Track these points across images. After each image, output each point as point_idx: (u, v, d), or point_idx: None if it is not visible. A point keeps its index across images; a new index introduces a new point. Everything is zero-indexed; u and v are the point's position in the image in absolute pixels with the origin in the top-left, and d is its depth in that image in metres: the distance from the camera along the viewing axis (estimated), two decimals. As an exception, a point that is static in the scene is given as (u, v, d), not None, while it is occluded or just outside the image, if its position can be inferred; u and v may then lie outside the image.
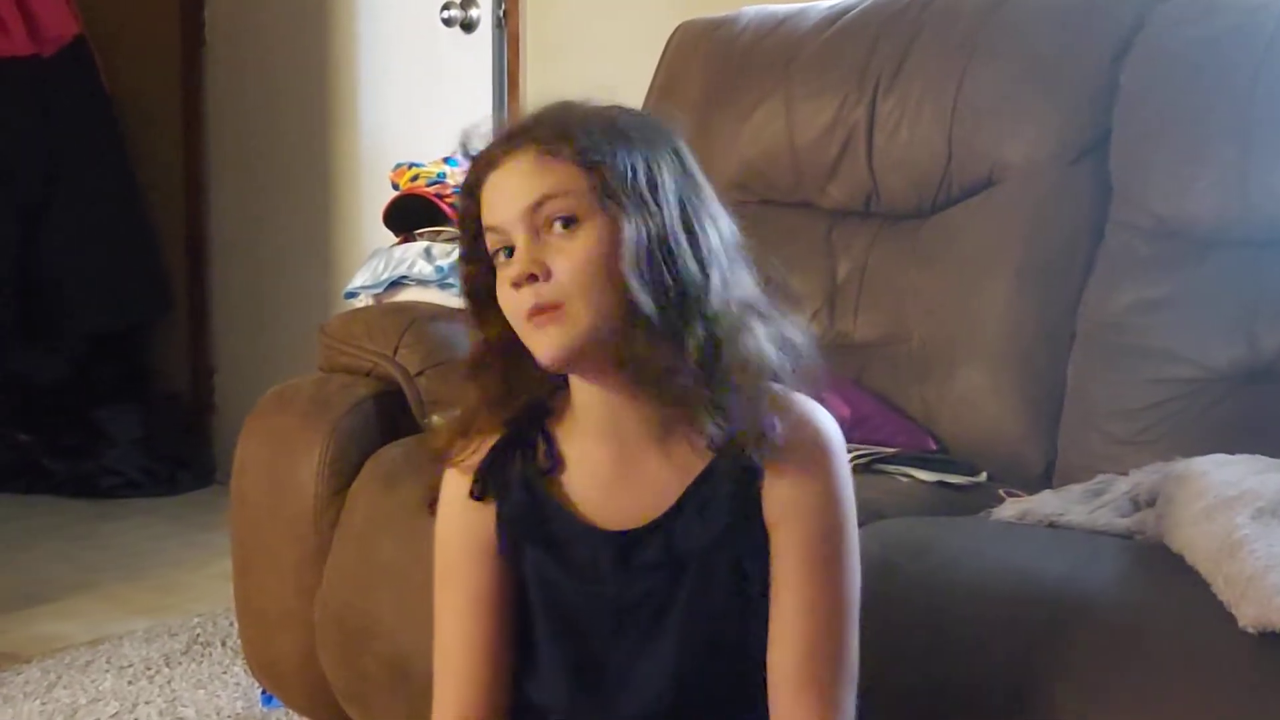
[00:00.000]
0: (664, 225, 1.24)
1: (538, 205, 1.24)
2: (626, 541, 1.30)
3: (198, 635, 2.93)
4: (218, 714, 2.55)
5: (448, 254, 2.33)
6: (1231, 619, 1.36)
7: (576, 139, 1.24)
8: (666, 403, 1.26)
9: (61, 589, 3.28)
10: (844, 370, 2.19)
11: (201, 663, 2.79)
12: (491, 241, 1.28)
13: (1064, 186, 2.15)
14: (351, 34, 3.85)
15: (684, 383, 1.24)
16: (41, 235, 4.12)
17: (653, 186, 1.25)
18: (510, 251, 1.26)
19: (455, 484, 1.36)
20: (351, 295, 2.44)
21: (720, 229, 1.28)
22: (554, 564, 1.32)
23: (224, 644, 2.88)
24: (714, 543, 1.28)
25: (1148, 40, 2.12)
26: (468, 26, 3.48)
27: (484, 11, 3.47)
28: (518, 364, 1.30)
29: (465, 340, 2.20)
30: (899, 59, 2.32)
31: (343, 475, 2.12)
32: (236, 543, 2.27)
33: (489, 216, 1.28)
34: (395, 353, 2.20)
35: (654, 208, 1.24)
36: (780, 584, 1.28)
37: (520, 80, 3.35)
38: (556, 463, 1.33)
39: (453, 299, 2.29)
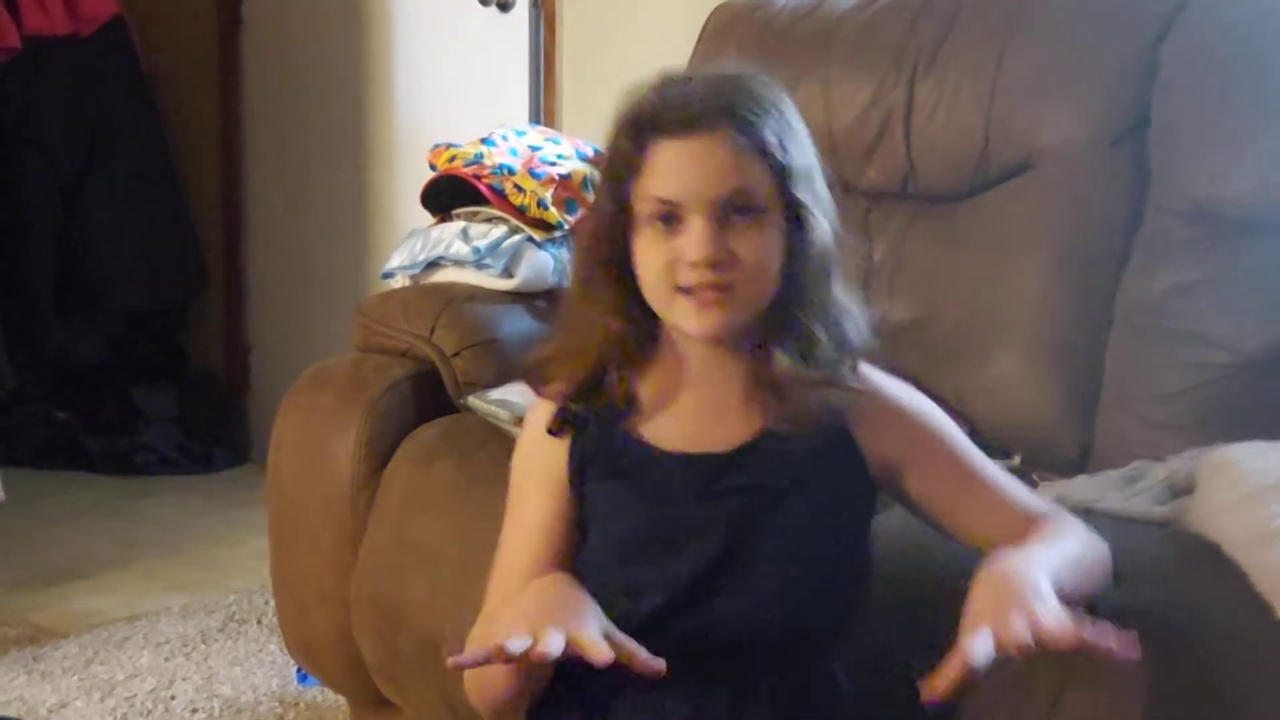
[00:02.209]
0: (829, 218, 1.36)
1: (731, 196, 1.31)
2: (703, 465, 1.36)
3: (234, 613, 2.95)
4: (254, 691, 2.57)
5: (485, 235, 2.32)
6: (1268, 609, 1.36)
7: (769, 138, 1.32)
8: (809, 371, 1.34)
9: (98, 565, 3.31)
10: (877, 353, 2.19)
11: (238, 640, 2.81)
12: (650, 205, 1.33)
13: (1102, 170, 2.13)
14: (388, 14, 3.86)
15: (824, 355, 1.35)
16: (79, 215, 4.14)
17: (815, 182, 1.35)
18: (668, 219, 1.32)
19: (539, 414, 1.43)
20: (388, 276, 2.44)
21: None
22: (627, 492, 1.37)
23: (260, 621, 2.89)
24: (803, 477, 1.34)
25: (1188, 22, 2.10)
26: (504, 6, 3.48)
27: (520, -8, 3.46)
28: (636, 311, 1.37)
29: (503, 320, 2.23)
30: (937, 40, 2.31)
31: (379, 455, 2.13)
32: (273, 521, 2.29)
33: (664, 188, 1.32)
34: (432, 333, 2.21)
35: (822, 204, 1.35)
36: (949, 495, 1.39)
37: (556, 61, 3.35)
38: (635, 406, 1.39)
39: (489, 280, 2.30)
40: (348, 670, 2.19)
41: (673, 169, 1.31)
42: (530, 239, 2.32)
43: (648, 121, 1.33)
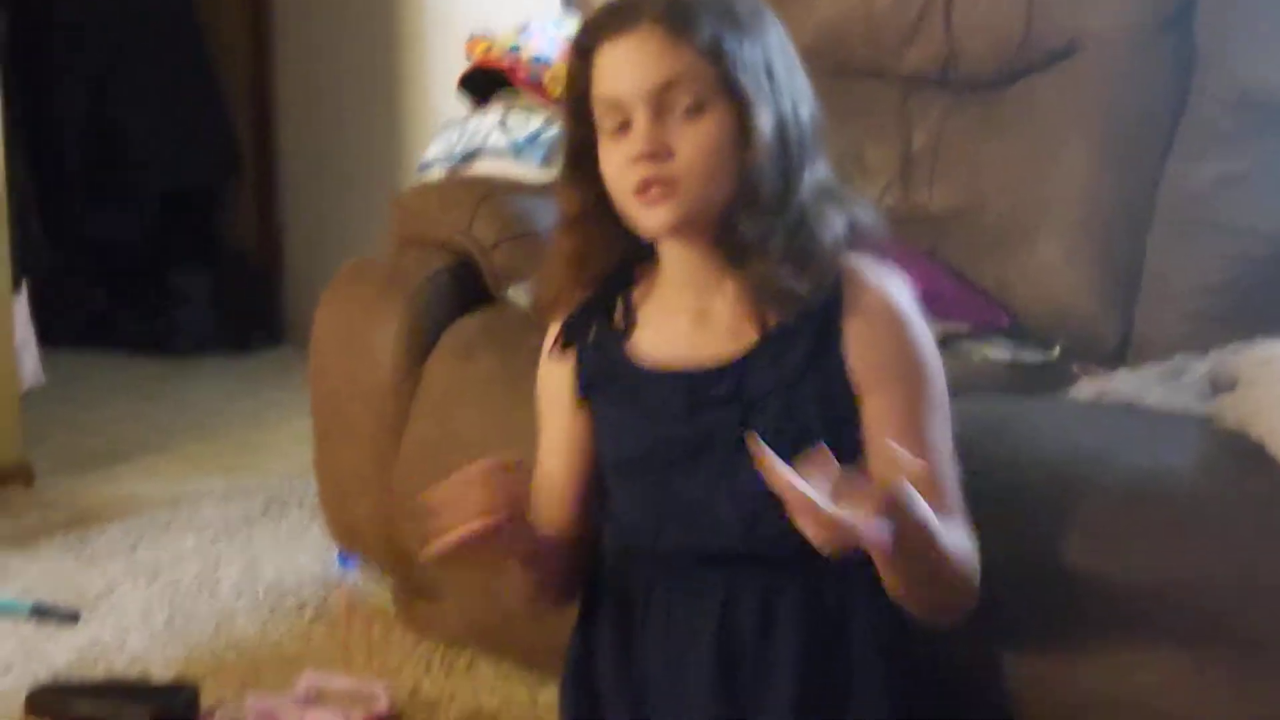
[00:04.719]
0: (781, 113, 1.32)
1: (665, 88, 1.30)
2: (697, 380, 1.37)
3: (274, 496, 2.96)
4: (298, 574, 2.58)
5: (523, 125, 2.31)
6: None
7: (703, 26, 1.30)
8: (758, 273, 1.32)
9: (138, 448, 3.32)
10: (917, 243, 2.18)
11: (279, 523, 2.83)
12: (602, 110, 1.34)
13: (1147, 56, 2.11)
14: (417, -107, 3.80)
15: (777, 256, 1.31)
16: (111, 98, 4.13)
17: (770, 75, 1.32)
18: (621, 123, 1.32)
19: (551, 335, 1.46)
20: (425, 168, 2.43)
21: (811, 109, 1.36)
22: (627, 411, 1.40)
23: (301, 505, 2.89)
24: (788, 386, 1.34)
25: (1240, -97, 2.05)
26: (536, -116, 3.42)
27: None
28: (610, 227, 1.38)
29: (541, 211, 2.22)
30: (980, -79, 2.26)
31: (420, 347, 2.14)
32: (315, 412, 2.30)
33: (606, 87, 1.33)
34: (470, 225, 2.21)
35: (772, 97, 1.32)
36: (880, 446, 1.30)
37: (590, -58, 3.30)
38: (632, 325, 1.41)
39: (528, 171, 2.29)
40: (391, 558, 2.22)
41: (612, 69, 1.32)
42: (568, 128, 2.30)
43: (593, 31, 1.34)
